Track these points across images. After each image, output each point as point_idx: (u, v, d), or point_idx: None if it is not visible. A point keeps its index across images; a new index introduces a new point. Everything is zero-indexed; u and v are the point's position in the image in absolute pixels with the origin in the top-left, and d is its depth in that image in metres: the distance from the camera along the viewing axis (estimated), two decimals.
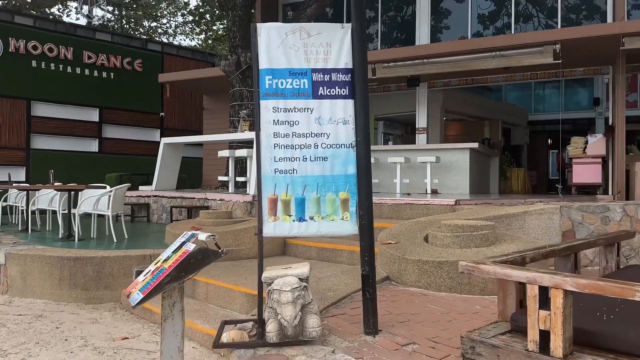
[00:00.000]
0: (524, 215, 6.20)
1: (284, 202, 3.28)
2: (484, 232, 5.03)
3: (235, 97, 11.50)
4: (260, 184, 3.27)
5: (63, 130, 14.12)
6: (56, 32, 14.22)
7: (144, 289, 2.50)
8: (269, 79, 3.26)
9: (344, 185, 3.31)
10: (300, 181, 3.29)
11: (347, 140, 3.32)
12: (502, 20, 13.52)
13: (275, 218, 3.27)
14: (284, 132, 3.29)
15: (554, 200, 9.05)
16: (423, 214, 7.05)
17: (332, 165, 3.31)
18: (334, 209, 3.32)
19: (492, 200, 7.74)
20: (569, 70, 11.44)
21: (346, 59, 3.28)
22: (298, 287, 3.01)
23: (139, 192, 11.20)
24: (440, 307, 4.10)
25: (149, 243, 7.54)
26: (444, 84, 12.75)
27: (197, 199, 10.08)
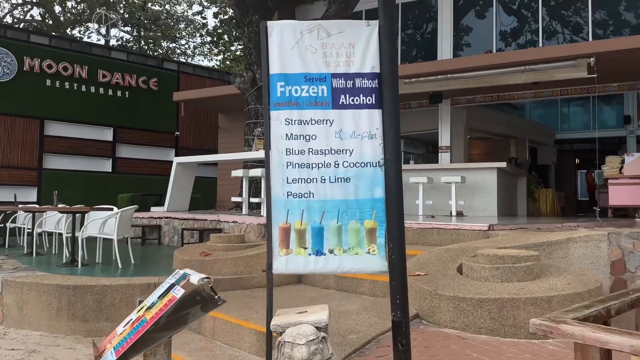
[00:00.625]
0: (567, 243, 5.55)
1: (298, 232, 2.74)
2: (527, 263, 4.41)
3: (250, 114, 11.08)
4: (270, 210, 2.74)
5: (76, 150, 13.85)
6: (71, 50, 14.05)
7: (119, 346, 1.96)
8: (281, 86, 2.75)
9: (370, 211, 2.76)
10: (317, 207, 2.75)
11: (373, 157, 2.77)
12: (526, 36, 13.00)
13: (287, 251, 2.72)
14: (299, 149, 2.76)
15: (592, 223, 8.34)
16: (452, 239, 6.43)
17: (356, 188, 2.77)
18: (359, 240, 2.76)
19: (528, 225, 7.09)
20: (602, 86, 10.79)
21: (372, 62, 2.76)
22: (315, 340, 2.45)
23: (151, 214, 10.77)
24: (483, 356, 3.48)
25: (156, 269, 7.04)
26: (468, 101, 12.18)
27: (209, 220, 9.60)
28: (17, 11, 24.36)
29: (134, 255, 7.67)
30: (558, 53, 9.06)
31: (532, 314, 3.88)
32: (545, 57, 9.12)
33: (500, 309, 3.93)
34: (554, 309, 3.89)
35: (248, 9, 11.10)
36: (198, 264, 6.55)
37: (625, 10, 12.36)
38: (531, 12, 12.91)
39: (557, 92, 11.22)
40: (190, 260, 6.65)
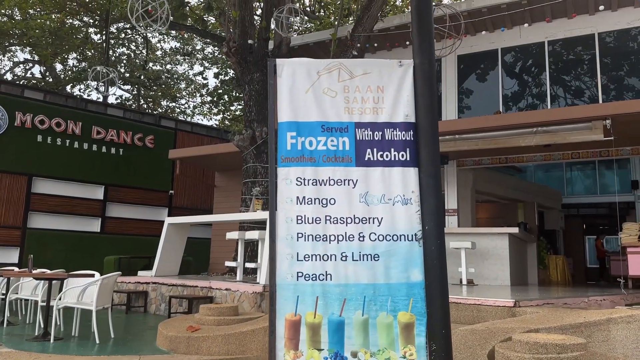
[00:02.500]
0: (607, 324, 4.85)
1: (312, 327, 2.08)
2: (574, 354, 3.70)
3: (248, 173, 10.56)
4: (275, 296, 2.09)
5: (64, 209, 13.19)
6: (66, 106, 13.72)
7: None
8: (292, 137, 2.19)
9: (406, 300, 2.12)
10: (337, 293, 2.11)
11: (409, 228, 2.17)
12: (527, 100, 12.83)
13: (296, 354, 2.05)
14: (314, 216, 2.16)
15: (617, 296, 7.65)
16: (474, 317, 5.72)
17: (387, 269, 2.14)
18: (391, 339, 2.10)
19: (554, 299, 6.39)
20: (616, 150, 10.38)
21: (406, 110, 2.21)
22: None
23: (138, 278, 9.99)
24: None
25: (138, 345, 6.24)
26: (475, 163, 11.74)
27: (200, 287, 8.83)
28: (18, 68, 24.41)
29: (115, 326, 6.87)
30: (572, 115, 8.68)
31: None
32: (559, 118, 8.74)
33: None
34: None
35: (249, 67, 10.83)
36: (184, 341, 5.78)
37: (627, 76, 12.22)
38: (534, 76, 12.77)
39: (569, 155, 10.79)
40: (176, 336, 5.88)
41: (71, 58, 23.67)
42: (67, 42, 19.82)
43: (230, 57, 10.72)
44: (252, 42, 11.00)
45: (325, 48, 13.59)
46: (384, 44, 13.31)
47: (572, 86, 12.66)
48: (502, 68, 13.11)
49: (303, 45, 13.93)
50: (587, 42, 12.30)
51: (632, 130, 9.18)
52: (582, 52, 12.37)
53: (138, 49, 24.63)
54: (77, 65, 23.87)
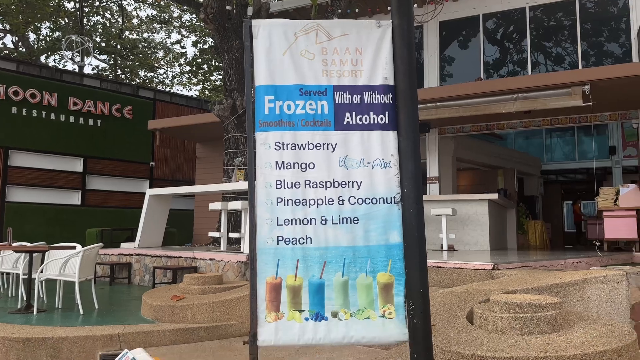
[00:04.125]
0: (583, 285, 5.00)
1: (292, 290, 2.10)
2: (551, 312, 3.82)
3: (229, 144, 10.47)
4: (255, 260, 2.10)
5: (42, 182, 12.99)
6: (40, 77, 13.35)
7: None
8: (269, 101, 2.16)
9: (385, 261, 2.15)
10: (317, 256, 2.13)
11: (388, 191, 2.18)
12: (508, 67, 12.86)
13: (277, 315, 2.08)
14: (293, 181, 2.16)
15: (593, 258, 7.86)
16: (454, 280, 5.84)
17: (366, 231, 2.16)
18: (370, 299, 2.14)
19: (532, 262, 6.55)
20: (594, 115, 10.51)
21: (385, 72, 2.19)
22: None
23: (121, 250, 9.96)
24: None
25: (122, 316, 6.25)
26: (456, 130, 11.80)
27: (183, 258, 8.84)
28: None
29: (99, 297, 6.87)
30: (552, 80, 8.72)
31: None
32: (539, 84, 8.78)
33: None
34: None
35: (228, 34, 10.62)
36: (169, 310, 5.81)
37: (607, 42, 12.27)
38: (515, 42, 12.76)
39: (548, 121, 10.90)
40: (161, 305, 5.90)
41: (44, 27, 22.95)
42: (39, 11, 19.16)
43: (208, 23, 10.49)
44: (230, 8, 10.76)
45: (305, 14, 13.38)
46: (365, 9, 13.15)
47: (552, 53, 12.69)
48: (483, 35, 13.07)
49: (283, 12, 13.68)
50: (568, 8, 12.29)
51: (610, 96, 9.29)
52: (563, 18, 12.38)
53: (113, 17, 23.94)
54: (50, 35, 23.16)
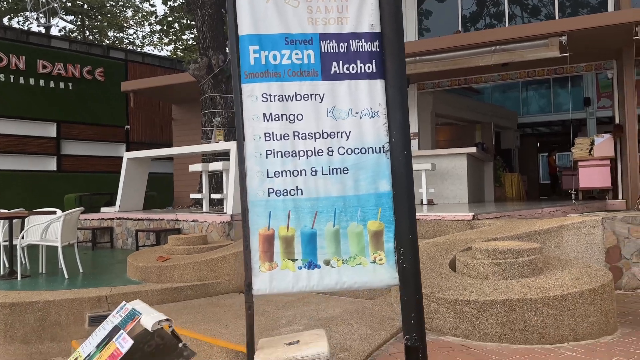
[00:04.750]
0: (560, 231, 5.17)
1: (285, 240, 2.13)
2: (530, 257, 3.95)
3: (207, 104, 10.31)
4: (247, 212, 2.12)
5: (16, 148, 12.67)
6: (5, 39, 12.81)
7: None
8: (254, 51, 2.12)
9: (375, 209, 2.18)
10: (308, 206, 2.15)
11: (376, 141, 2.20)
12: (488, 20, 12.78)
13: (271, 265, 2.11)
14: (281, 132, 2.15)
15: (569, 207, 8.10)
16: (435, 231, 5.97)
17: (356, 181, 2.18)
18: (361, 247, 2.19)
19: (510, 212, 6.71)
20: (570, 67, 10.59)
21: (371, 19, 2.17)
22: None
23: (101, 215, 9.88)
24: None
25: (109, 278, 6.27)
26: (435, 85, 11.80)
27: (166, 220, 8.83)
28: None
29: (83, 262, 6.85)
30: (529, 32, 8.72)
31: (545, 315, 3.43)
32: (516, 36, 8.78)
33: (509, 312, 3.45)
34: (568, 309, 3.45)
35: None
36: (155, 270, 5.85)
37: None
38: None
39: (525, 73, 10.95)
40: (147, 267, 5.93)
41: None
42: None
43: None
44: None
45: None
46: None
47: (529, 4, 12.63)
48: None
49: None
50: None
51: (586, 47, 9.34)
52: None
53: None
54: None
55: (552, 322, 3.42)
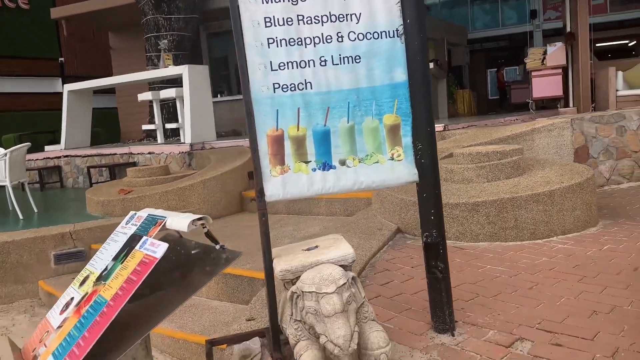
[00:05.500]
0: (532, 134, 5.22)
1: (296, 140, 1.93)
2: (514, 158, 3.94)
3: (149, 27, 9.55)
4: (252, 113, 1.88)
5: None
6: None
7: (63, 353, 1.13)
8: None
9: (390, 102, 2.00)
10: (318, 102, 1.94)
11: (389, 23, 1.97)
12: None
13: (283, 169, 1.92)
14: (284, 16, 1.88)
15: (527, 116, 8.25)
16: None
17: (369, 70, 1.98)
18: (378, 143, 2.02)
19: (475, 122, 6.73)
20: None
21: None
22: (345, 284, 1.74)
23: (46, 154, 9.24)
24: (496, 266, 3.00)
25: (67, 216, 5.91)
26: None
27: (119, 154, 8.36)
28: None
29: (36, 202, 6.41)
30: None
31: (535, 212, 3.45)
32: None
33: (500, 211, 3.45)
34: (556, 204, 3.48)
35: None
36: (119, 204, 5.54)
37: None
38: None
39: None
40: (109, 200, 5.60)
41: None
42: None
43: None
44: None
45: None
46: None
47: None
48: None
49: None
50: None
51: None
52: None
53: None
54: None
55: (542, 218, 3.45)
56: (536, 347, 1.99)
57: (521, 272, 2.86)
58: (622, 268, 2.77)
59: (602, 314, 2.22)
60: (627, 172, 5.25)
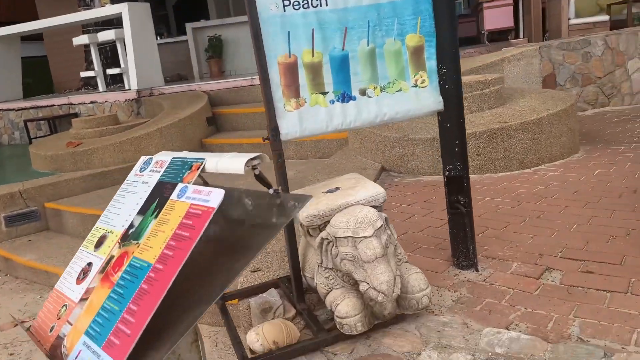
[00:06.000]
0: (502, 64, 5.14)
1: (311, 68, 1.68)
2: (496, 87, 3.83)
3: None
4: (260, 36, 1.61)
5: None
6: None
7: (100, 335, 0.91)
8: None
9: (413, 20, 1.78)
10: (335, 21, 1.69)
11: None
12: None
13: (298, 102, 1.68)
14: None
15: (483, 48, 8.20)
16: None
17: None
18: (400, 68, 1.80)
19: None
20: None
21: None
22: (382, 227, 1.57)
23: None
24: (494, 198, 2.93)
25: (11, 174, 5.41)
26: None
27: (57, 106, 7.70)
28: None
29: None
30: None
31: (524, 140, 3.39)
32: None
33: (489, 142, 3.36)
34: (544, 132, 3.43)
35: None
36: (69, 158, 5.09)
37: None
38: None
39: None
40: (57, 155, 5.13)
41: None
42: None
43: None
44: None
45: None
46: None
47: None
48: None
49: None
50: None
51: None
52: None
53: None
54: None
55: (531, 147, 3.40)
56: (567, 276, 1.92)
57: (522, 202, 2.80)
58: (621, 191, 2.76)
59: (620, 238, 2.19)
60: (591, 98, 5.31)
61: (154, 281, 0.89)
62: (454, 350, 1.51)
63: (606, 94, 5.34)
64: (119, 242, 1.07)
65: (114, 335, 0.88)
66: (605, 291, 1.78)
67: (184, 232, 0.92)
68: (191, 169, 1.08)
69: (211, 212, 0.90)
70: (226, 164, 1.04)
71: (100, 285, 1.01)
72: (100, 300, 0.97)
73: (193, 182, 1.05)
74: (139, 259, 0.97)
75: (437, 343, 1.56)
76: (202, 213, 0.92)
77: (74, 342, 0.95)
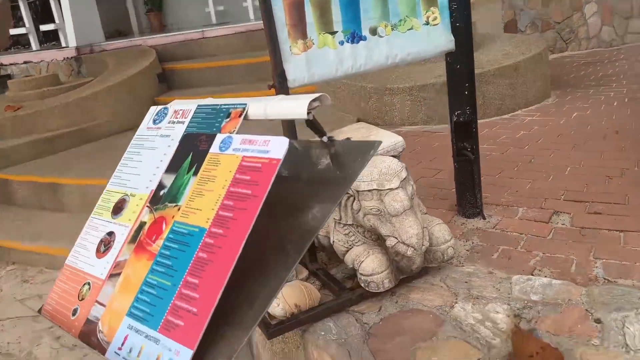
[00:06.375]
0: None
1: (319, 5, 1.51)
2: None
3: None
4: None
5: None
6: None
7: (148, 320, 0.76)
8: None
9: None
10: None
11: None
12: None
13: (305, 43, 1.51)
14: None
15: None
16: None
17: None
18: (412, 5, 1.66)
19: None
20: None
21: None
22: (406, 177, 1.46)
23: None
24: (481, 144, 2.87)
25: None
26: None
27: None
28: None
29: None
30: None
31: (502, 86, 3.36)
32: None
33: None
34: (521, 76, 3.41)
35: None
36: (9, 122, 4.67)
37: None
38: None
39: None
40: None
41: None
42: None
43: None
44: None
45: None
46: None
47: None
48: None
49: None
50: None
51: None
52: None
53: None
54: None
55: (508, 92, 3.37)
56: (577, 219, 1.91)
57: (509, 147, 2.77)
58: (603, 133, 2.78)
59: (617, 178, 2.19)
60: (550, 44, 5.35)
61: (215, 248, 0.74)
62: (488, 301, 1.45)
63: (564, 38, 5.40)
64: (149, 206, 0.90)
65: (173, 315, 0.73)
66: (618, 231, 1.78)
67: (243, 190, 0.77)
68: (229, 116, 0.92)
69: (276, 165, 0.75)
70: (282, 108, 0.88)
71: (135, 256, 0.85)
72: (140, 274, 0.82)
73: (236, 131, 0.89)
74: (185, 223, 0.81)
75: (467, 294, 1.50)
76: (262, 166, 0.77)
77: (114, 326, 0.80)
